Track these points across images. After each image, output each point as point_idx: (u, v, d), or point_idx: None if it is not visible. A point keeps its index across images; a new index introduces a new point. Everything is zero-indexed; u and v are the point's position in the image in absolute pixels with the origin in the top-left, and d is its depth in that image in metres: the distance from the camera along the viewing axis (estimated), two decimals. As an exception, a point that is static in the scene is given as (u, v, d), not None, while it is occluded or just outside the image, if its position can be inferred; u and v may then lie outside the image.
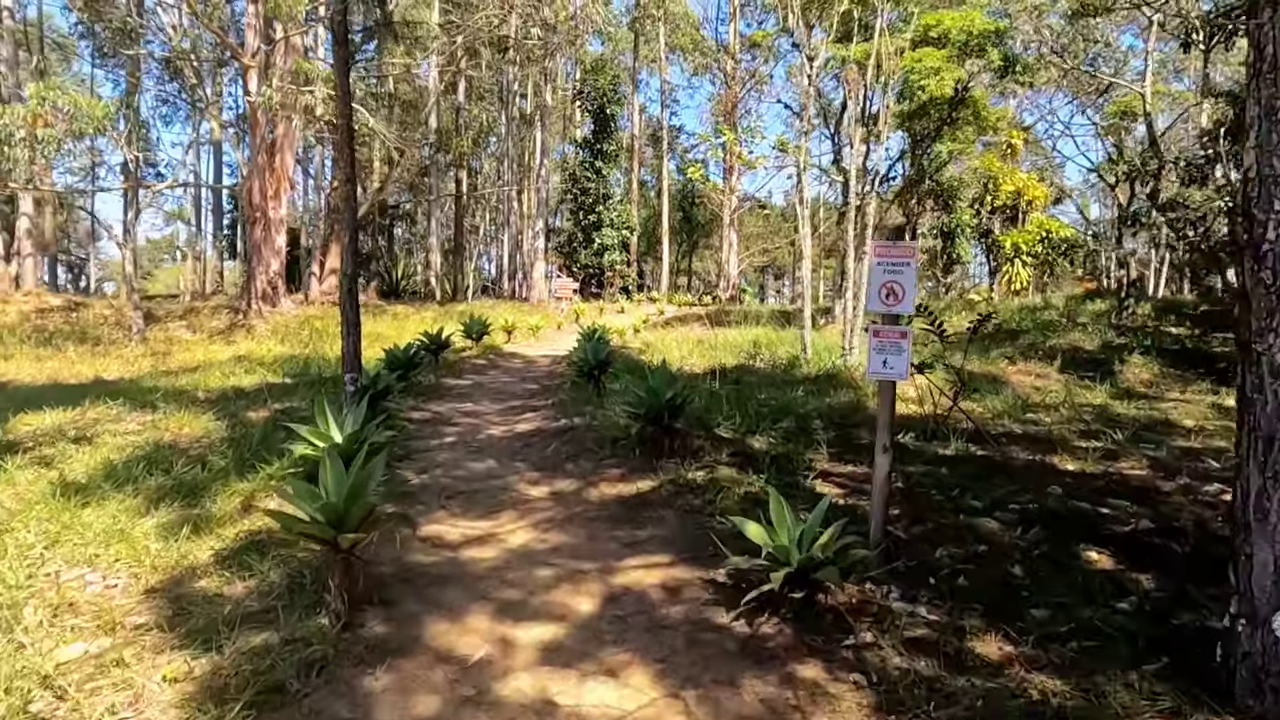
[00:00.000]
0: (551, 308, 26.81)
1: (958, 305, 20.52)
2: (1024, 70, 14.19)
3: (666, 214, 35.90)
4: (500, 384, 10.20)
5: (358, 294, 6.15)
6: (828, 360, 10.38)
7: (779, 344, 12.58)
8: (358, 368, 6.11)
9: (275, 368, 10.96)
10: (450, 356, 11.95)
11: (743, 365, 10.79)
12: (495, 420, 7.60)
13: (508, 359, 13.00)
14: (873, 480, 4.10)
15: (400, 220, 48.84)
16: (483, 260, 57.26)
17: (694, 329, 18.09)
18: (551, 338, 17.94)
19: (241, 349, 13.31)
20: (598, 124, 30.58)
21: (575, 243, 31.37)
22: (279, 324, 15.73)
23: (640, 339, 15.43)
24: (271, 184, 16.75)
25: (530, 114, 36.28)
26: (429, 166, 28.99)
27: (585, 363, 7.82)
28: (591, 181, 30.26)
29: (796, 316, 18.57)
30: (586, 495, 5.23)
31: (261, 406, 7.72)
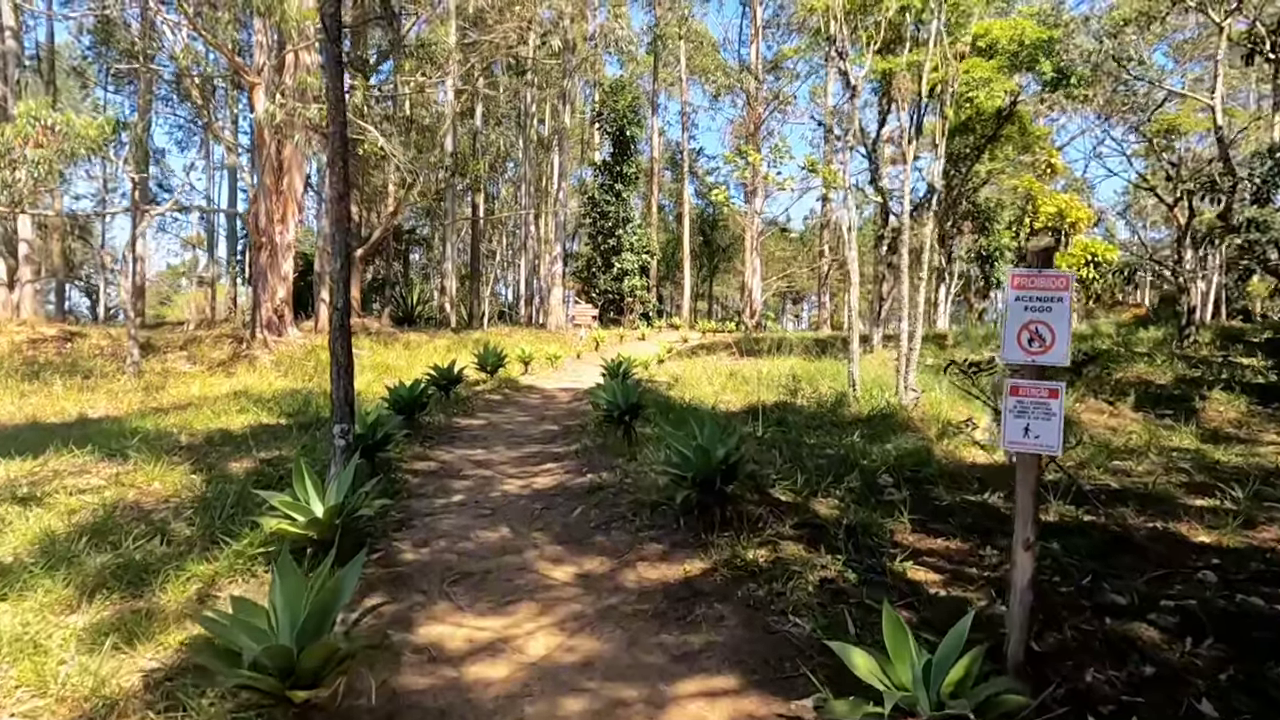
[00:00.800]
0: (569, 335, 25.98)
1: (997, 334, 19.46)
2: (1079, 82, 13.26)
3: (687, 238, 35.13)
4: (517, 424, 9.28)
5: (349, 330, 5.27)
6: (879, 398, 9.38)
7: (820, 377, 11.59)
8: (350, 416, 5.21)
9: (273, 405, 10.10)
10: (463, 392, 11.07)
11: (784, 403, 9.81)
12: (511, 472, 6.66)
13: (525, 394, 12.11)
14: (1011, 584, 3.12)
15: (417, 245, 48.49)
16: (499, 285, 56.89)
17: (722, 359, 17.13)
18: (571, 368, 17.06)
19: (241, 382, 12.50)
20: (617, 146, 29.93)
21: (594, 268, 30.61)
22: (284, 355, 14.95)
23: (666, 370, 14.50)
24: (278, 207, 16.07)
25: (548, 138, 35.85)
26: (444, 190, 28.41)
27: (614, 406, 6.87)
28: (611, 205, 29.55)
29: (832, 346, 17.60)
30: (622, 579, 4.26)
31: (246, 455, 6.84)
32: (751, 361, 15.71)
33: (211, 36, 12.35)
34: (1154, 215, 35.44)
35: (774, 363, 14.91)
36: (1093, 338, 17.72)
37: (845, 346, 17.29)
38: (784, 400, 10.07)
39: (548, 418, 9.70)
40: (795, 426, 8.36)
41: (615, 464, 6.32)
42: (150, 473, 6.12)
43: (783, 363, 14.85)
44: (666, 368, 15.29)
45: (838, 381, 11.48)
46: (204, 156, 30.61)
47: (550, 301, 28.31)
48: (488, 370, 12.49)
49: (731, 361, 16.53)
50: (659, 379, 12.43)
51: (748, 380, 12.06)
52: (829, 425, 8.51)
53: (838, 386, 10.91)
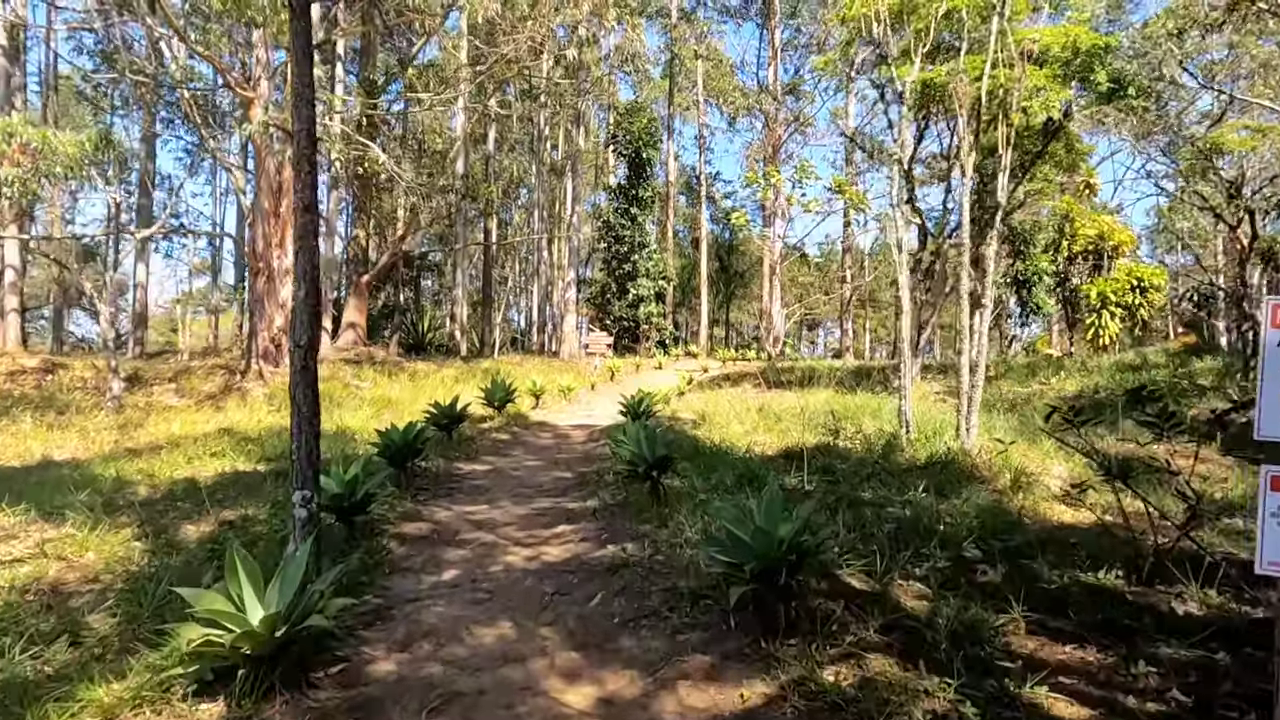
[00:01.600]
0: (583, 364, 25.02)
1: (1041, 365, 18.32)
2: (1138, 93, 12.26)
3: (705, 263, 34.22)
4: (525, 470, 8.24)
5: (315, 374, 4.28)
6: (938, 443, 8.29)
7: (861, 414, 10.50)
8: (313, 480, 4.20)
9: (254, 447, 9.14)
10: (467, 430, 10.07)
11: (826, 445, 8.74)
12: (516, 536, 5.62)
13: (535, 432, 11.09)
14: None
15: (429, 271, 47.95)
16: (512, 311, 56.28)
17: (747, 391, 16.07)
18: (585, 401, 16.05)
19: (228, 418, 11.57)
20: (632, 169, 29.17)
21: (608, 294, 29.71)
22: (279, 387, 14.02)
23: (689, 405, 13.46)
24: (277, 231, 15.26)
25: (561, 163, 35.22)
26: (455, 215, 27.71)
27: (639, 459, 5.80)
28: (626, 229, 28.71)
29: (866, 378, 16.49)
30: (659, 710, 3.20)
31: (209, 513, 5.85)
32: (779, 395, 14.65)
33: (203, 48, 11.58)
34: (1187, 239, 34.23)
35: (805, 396, 13.85)
36: (1144, 368, 16.55)
37: (882, 378, 16.22)
38: (825, 442, 8.99)
39: (560, 462, 8.66)
40: (845, 476, 7.29)
41: (641, 530, 5.27)
42: (86, 539, 5.13)
43: (815, 396, 13.78)
44: (689, 401, 14.25)
45: (881, 419, 10.40)
46: (211, 181, 30.06)
47: (563, 329, 27.39)
48: (495, 406, 11.50)
49: (757, 394, 15.47)
50: (682, 415, 11.38)
51: (780, 417, 11.00)
52: (883, 474, 7.43)
53: (884, 426, 9.82)
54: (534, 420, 12.23)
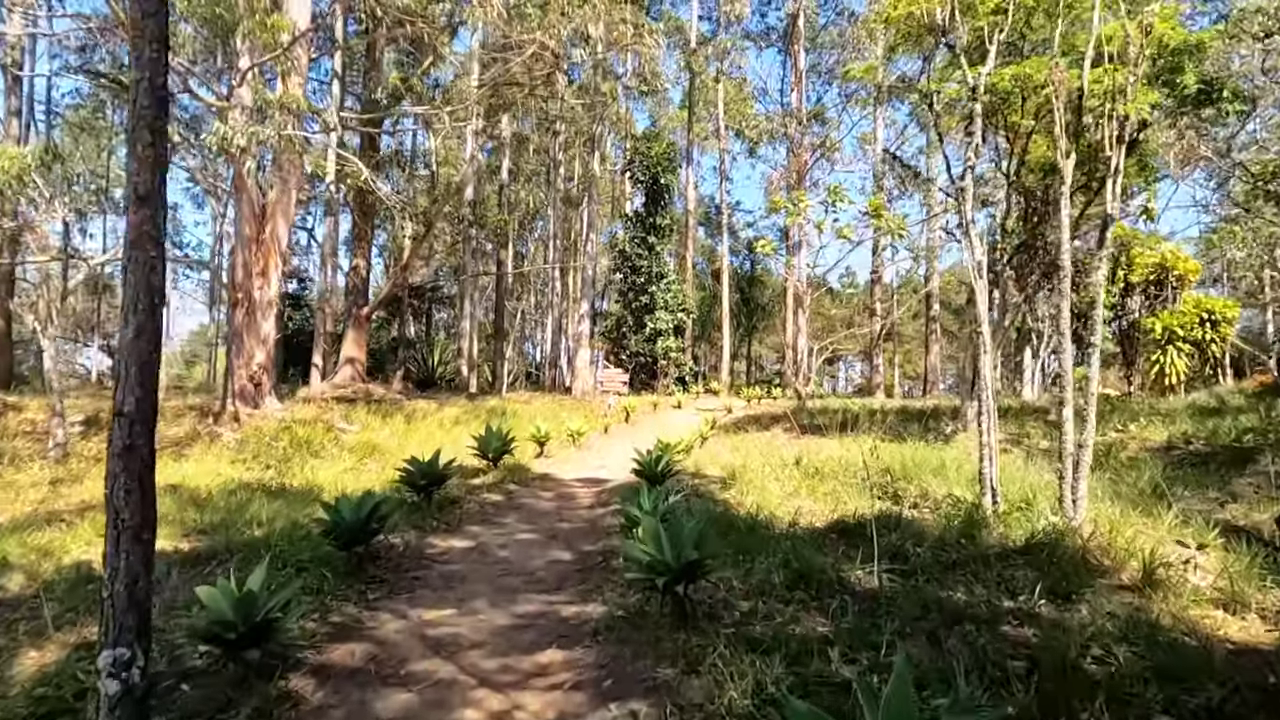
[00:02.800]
0: (597, 402, 23.47)
1: (1103, 407, 16.53)
2: (1233, 97, 10.70)
3: (727, 295, 32.73)
4: (516, 548, 6.65)
5: (148, 455, 2.77)
6: (1034, 516, 6.62)
7: (920, 472, 8.83)
8: (138, 633, 2.64)
9: (196, 511, 7.63)
10: (454, 488, 8.52)
11: (886, 515, 7.09)
12: (486, 669, 4.02)
13: (536, 490, 9.51)
14: None
15: (441, 304, 46.95)
16: (527, 344, 55.06)
17: (777, 437, 14.44)
18: (597, 447, 14.48)
19: (186, 471, 10.10)
20: (650, 196, 27.88)
21: (624, 327, 28.24)
22: (254, 431, 12.58)
23: (714, 456, 11.84)
24: (258, 258, 13.94)
25: (576, 195, 34.11)
26: (464, 244, 26.50)
27: (658, 566, 4.10)
28: (643, 259, 27.32)
29: (912, 419, 14.73)
30: None
31: (63, 630, 4.33)
32: (815, 442, 13.01)
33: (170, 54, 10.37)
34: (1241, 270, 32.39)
35: (846, 445, 12.19)
36: (1224, 412, 14.75)
37: (929, 422, 14.47)
38: (886, 511, 7.35)
39: (560, 536, 7.06)
40: (924, 566, 5.67)
41: (660, 677, 3.65)
42: None
43: (857, 445, 12.13)
44: (714, 450, 12.63)
45: (949, 480, 8.74)
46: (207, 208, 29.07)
47: (576, 364, 25.91)
48: (489, 458, 9.93)
49: (790, 440, 13.83)
50: (708, 471, 9.75)
51: (822, 473, 9.36)
52: (972, 563, 5.78)
53: (956, 489, 8.17)
54: (536, 473, 10.65)
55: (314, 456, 11.39)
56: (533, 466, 11.25)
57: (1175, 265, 18.97)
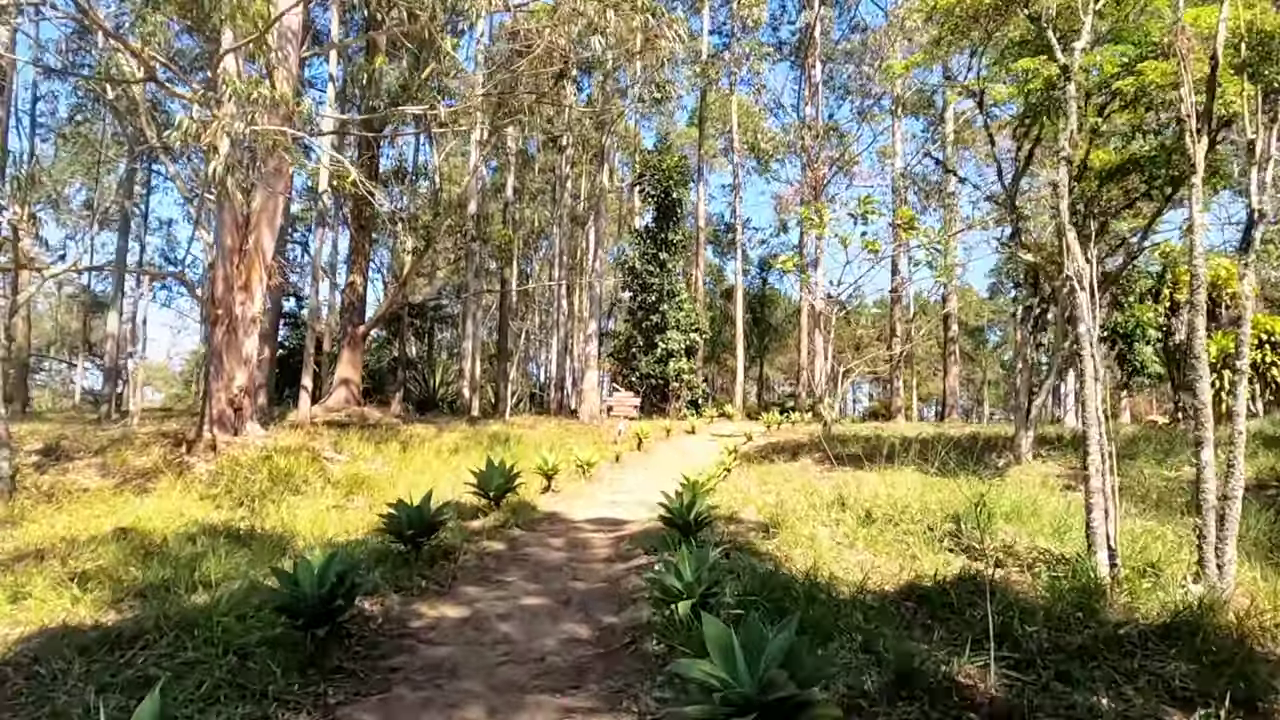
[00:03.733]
0: (606, 427, 22.25)
1: (1157, 437, 15.28)
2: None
3: (741, 314, 31.58)
4: (520, 620, 5.42)
5: None
6: (1167, 585, 5.37)
7: (993, 515, 7.57)
8: None
9: (141, 566, 6.43)
10: (448, 537, 7.29)
11: (971, 578, 5.85)
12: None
13: (543, 535, 8.28)
14: None
15: (444, 323, 45.96)
16: (531, 365, 53.93)
17: (808, 469, 13.20)
18: (609, 479, 13.24)
19: (147, 509, 8.90)
20: (661, 211, 26.80)
21: (633, 348, 27.06)
22: (230, 462, 11.38)
23: (743, 492, 10.60)
24: (240, 271, 12.83)
25: (584, 210, 33.15)
26: (467, 260, 25.43)
27: (738, 698, 2.82)
28: (654, 277, 26.19)
29: (958, 451, 13.36)
30: None
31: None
32: (852, 474, 11.76)
33: (140, 43, 9.26)
34: None
35: (886, 477, 10.96)
36: (1296, 442, 13.49)
37: (968, 450, 13.15)
38: (967, 571, 6.10)
39: (574, 601, 5.82)
40: (1042, 653, 4.43)
41: None
42: None
43: (899, 479, 10.90)
44: (741, 485, 11.39)
45: (1025, 523, 7.51)
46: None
47: (584, 386, 24.71)
48: (491, 497, 8.71)
49: (822, 472, 12.59)
50: (743, 515, 8.50)
51: (873, 516, 8.12)
52: (1101, 647, 4.54)
53: (1037, 538, 6.93)
54: (543, 513, 9.42)
55: (294, 492, 10.18)
56: (539, 504, 10.03)
57: (1229, 284, 17.73)
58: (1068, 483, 10.74)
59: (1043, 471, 11.26)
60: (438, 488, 11.18)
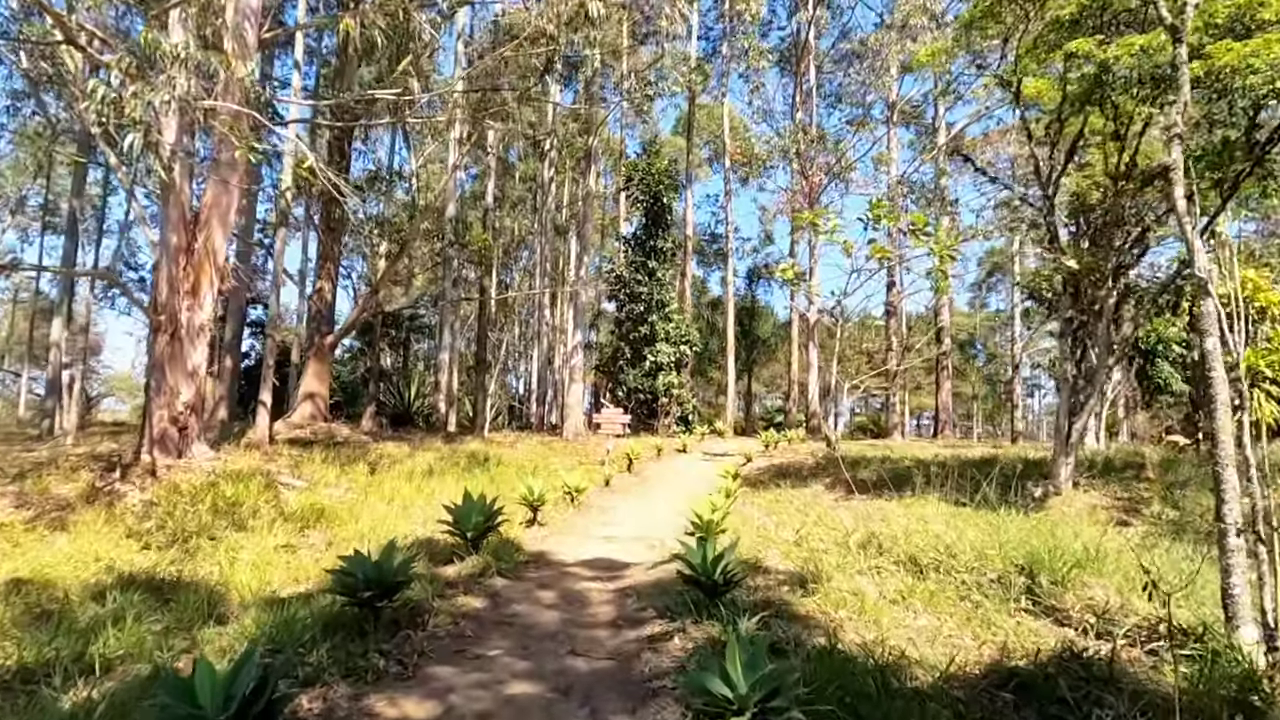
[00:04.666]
0: (591, 444, 20.99)
1: (1185, 460, 14.29)
2: None
3: (731, 327, 30.46)
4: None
5: None
6: None
7: (1062, 562, 6.40)
8: None
9: (33, 634, 5.10)
10: (417, 589, 6.00)
11: (1071, 656, 4.68)
12: None
13: (530, 583, 7.00)
14: None
15: (420, 333, 44.54)
16: (509, 376, 52.51)
17: (820, 496, 12.02)
18: (600, 507, 11.98)
19: (51, 553, 7.52)
20: (650, 217, 25.66)
21: (620, 361, 25.80)
22: (169, 490, 9.98)
23: (757, 527, 9.38)
24: (188, 274, 11.47)
25: (566, 220, 32.00)
26: (444, 267, 24.07)
27: None
28: (643, 286, 25.01)
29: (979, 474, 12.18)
30: None
31: None
32: (872, 504, 10.61)
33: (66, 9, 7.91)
34: None
35: (915, 509, 9.83)
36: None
37: (985, 473, 11.95)
38: (1065, 645, 4.92)
39: (576, 690, 4.57)
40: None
41: None
42: None
43: (925, 510, 9.78)
44: (750, 517, 10.18)
45: (1099, 572, 6.35)
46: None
47: (568, 400, 23.40)
48: (467, 538, 7.42)
49: (838, 501, 11.42)
50: (771, 564, 7.26)
51: (919, 564, 6.94)
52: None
53: (1131, 596, 5.78)
54: (528, 553, 8.15)
55: (239, 528, 8.83)
56: (524, 541, 8.75)
57: (1256, 295, 16.84)
58: (1119, 516, 9.65)
59: (1087, 503, 10.16)
60: (408, 520, 9.89)
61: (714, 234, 47.50)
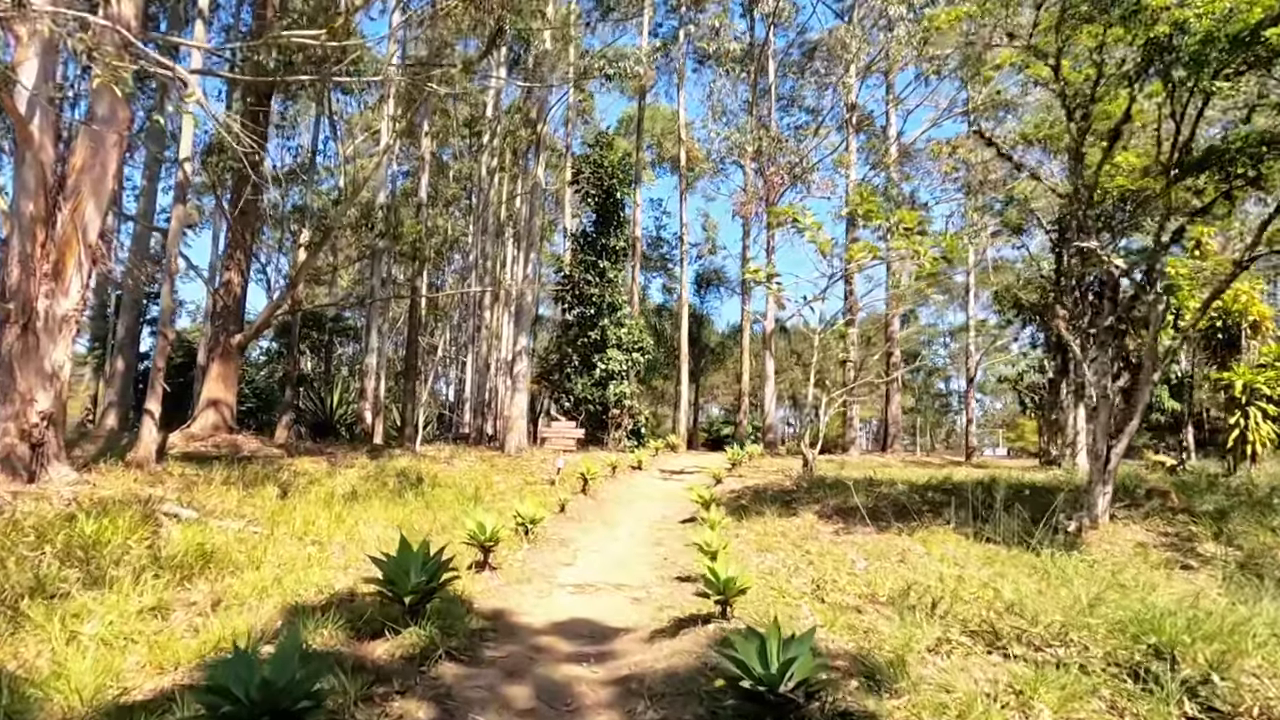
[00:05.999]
0: (537, 461, 19.13)
1: (1197, 485, 13.33)
2: None
3: (686, 333, 28.95)
4: None
5: None
6: None
7: (1188, 634, 4.96)
8: None
9: None
10: (334, 684, 4.14)
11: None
12: None
13: (494, 671, 5.22)
14: None
15: (344, 336, 41.90)
16: (440, 383, 50.08)
17: (816, 529, 10.47)
18: (559, 539, 10.20)
19: None
20: (602, 213, 23.96)
21: (568, 368, 23.97)
22: (9, 527, 7.79)
23: (754, 566, 7.76)
24: (48, 252, 9.27)
25: (505, 217, 30.10)
26: (373, 261, 21.91)
27: None
28: (594, 287, 23.26)
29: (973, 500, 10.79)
30: None
31: None
32: (880, 539, 9.15)
33: None
34: None
35: (934, 545, 8.41)
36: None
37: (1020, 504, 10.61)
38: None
39: None
40: None
41: None
42: None
43: (953, 546, 8.37)
44: (745, 557, 8.54)
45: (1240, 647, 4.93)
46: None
47: (510, 411, 21.45)
48: (404, 602, 5.56)
49: (839, 534, 9.92)
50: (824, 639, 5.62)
51: (998, 633, 5.42)
52: None
53: None
54: (483, 614, 6.34)
55: (93, 582, 6.74)
56: (474, 593, 6.94)
57: (1248, 308, 16.18)
58: (1173, 557, 8.37)
59: (1130, 539, 8.89)
60: (324, 564, 7.93)
61: (659, 238, 46.17)
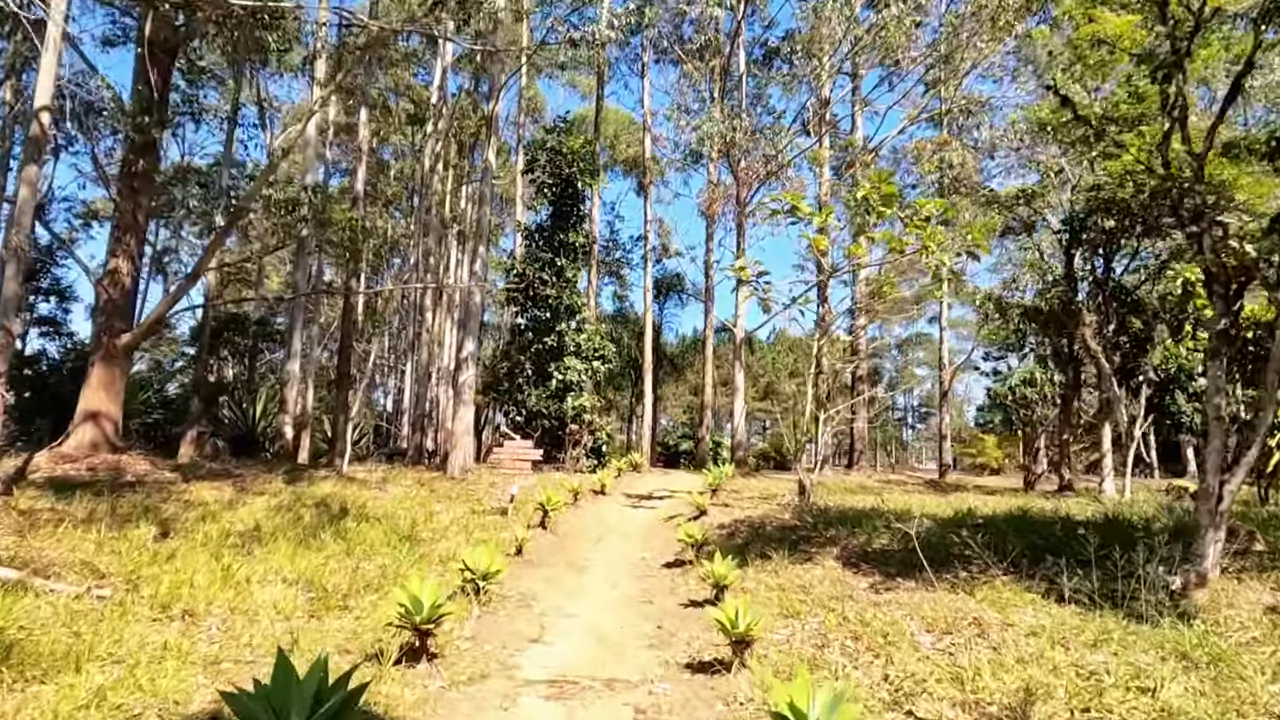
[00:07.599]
0: (485, 483, 16.85)
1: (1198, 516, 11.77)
2: None
3: (650, 343, 26.91)
4: None
5: None
6: None
7: None
8: None
9: None
10: None
11: None
12: None
13: None
14: None
15: (271, 341, 38.76)
16: (377, 392, 47.17)
17: (845, 581, 8.48)
18: (518, 597, 8.02)
19: None
20: (559, 205, 21.80)
21: (520, 378, 21.67)
22: None
23: (802, 657, 5.71)
24: None
25: (449, 215, 27.79)
26: (299, 252, 19.39)
27: None
28: (550, 288, 21.04)
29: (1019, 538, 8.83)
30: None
31: None
32: (939, 597, 7.22)
33: None
34: None
35: (1009, 611, 6.52)
36: None
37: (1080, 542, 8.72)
38: None
39: None
40: None
41: None
42: None
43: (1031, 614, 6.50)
44: (772, 630, 6.49)
45: None
46: None
47: (454, 427, 19.08)
48: None
49: (877, 590, 7.95)
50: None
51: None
52: None
53: None
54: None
55: None
56: (404, 710, 4.74)
57: (1271, 317, 14.79)
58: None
59: (1255, 600, 7.10)
60: (189, 659, 5.60)
61: (613, 241, 44.21)
